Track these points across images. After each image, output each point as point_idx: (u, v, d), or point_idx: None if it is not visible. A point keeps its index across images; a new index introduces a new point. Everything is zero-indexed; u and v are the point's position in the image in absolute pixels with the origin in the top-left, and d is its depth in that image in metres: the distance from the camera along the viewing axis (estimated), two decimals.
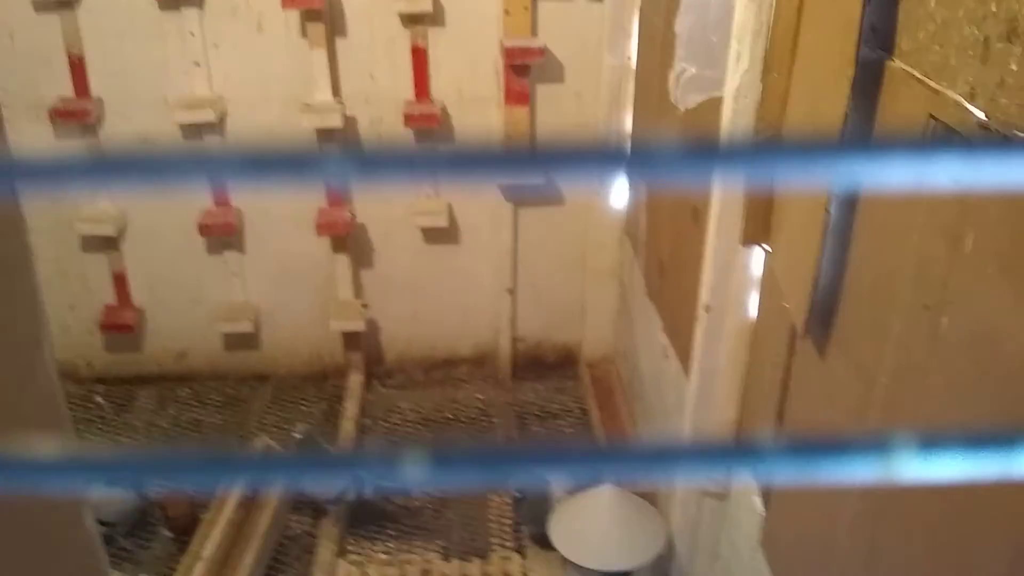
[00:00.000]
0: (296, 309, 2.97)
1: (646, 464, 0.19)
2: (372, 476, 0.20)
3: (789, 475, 0.19)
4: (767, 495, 1.58)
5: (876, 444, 0.18)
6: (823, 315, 1.30)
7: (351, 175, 0.20)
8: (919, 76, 1.05)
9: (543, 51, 2.58)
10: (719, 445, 0.19)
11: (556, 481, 2.33)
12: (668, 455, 0.19)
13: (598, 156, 0.19)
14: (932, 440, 0.18)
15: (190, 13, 2.55)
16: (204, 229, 2.73)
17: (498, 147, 0.18)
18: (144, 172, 0.19)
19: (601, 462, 0.21)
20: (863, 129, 1.19)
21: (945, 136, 0.99)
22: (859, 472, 0.19)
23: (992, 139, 0.91)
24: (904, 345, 1.09)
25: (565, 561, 2.10)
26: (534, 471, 0.21)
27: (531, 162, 0.18)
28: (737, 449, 0.19)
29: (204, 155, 0.20)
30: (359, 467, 0.20)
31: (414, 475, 0.19)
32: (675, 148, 0.20)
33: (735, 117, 1.51)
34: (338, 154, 0.20)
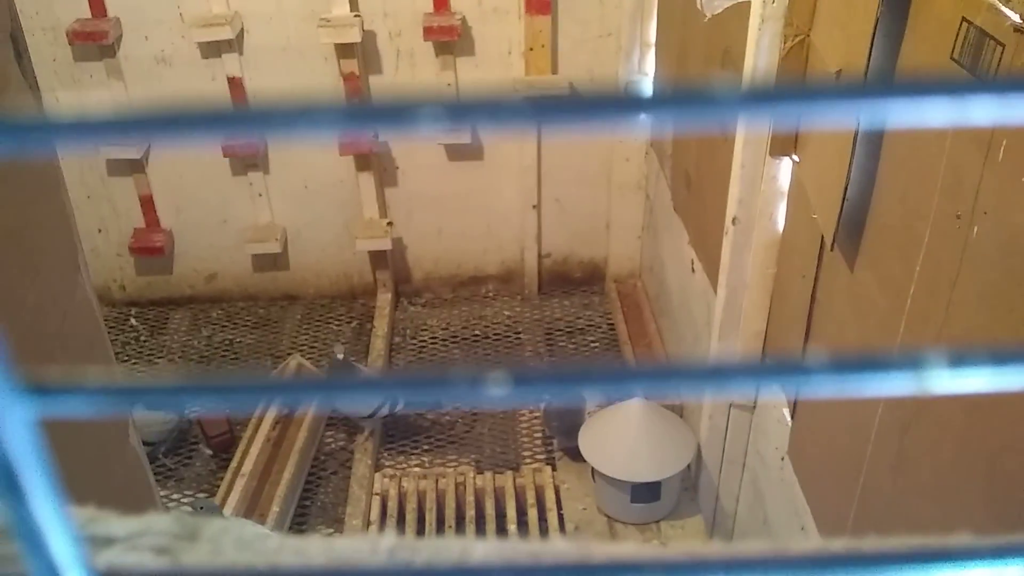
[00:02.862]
0: (322, 229, 2.98)
1: (680, 381, 0.20)
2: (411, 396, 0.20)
3: (824, 390, 0.19)
4: (795, 406, 1.59)
5: (909, 360, 0.19)
6: (852, 226, 1.29)
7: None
8: None
9: None
10: (755, 362, 0.19)
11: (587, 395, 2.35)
12: (702, 372, 0.20)
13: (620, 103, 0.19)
14: (962, 356, 0.19)
15: None
16: (227, 150, 2.73)
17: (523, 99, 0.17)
18: (185, 128, 0.19)
19: (634, 380, 0.22)
20: (894, 34, 1.15)
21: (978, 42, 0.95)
22: (892, 387, 0.19)
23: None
24: (934, 256, 1.08)
25: (595, 473, 2.14)
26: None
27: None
28: (775, 367, 0.19)
29: (247, 112, 0.19)
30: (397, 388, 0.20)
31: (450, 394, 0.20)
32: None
33: (763, 22, 1.47)
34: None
